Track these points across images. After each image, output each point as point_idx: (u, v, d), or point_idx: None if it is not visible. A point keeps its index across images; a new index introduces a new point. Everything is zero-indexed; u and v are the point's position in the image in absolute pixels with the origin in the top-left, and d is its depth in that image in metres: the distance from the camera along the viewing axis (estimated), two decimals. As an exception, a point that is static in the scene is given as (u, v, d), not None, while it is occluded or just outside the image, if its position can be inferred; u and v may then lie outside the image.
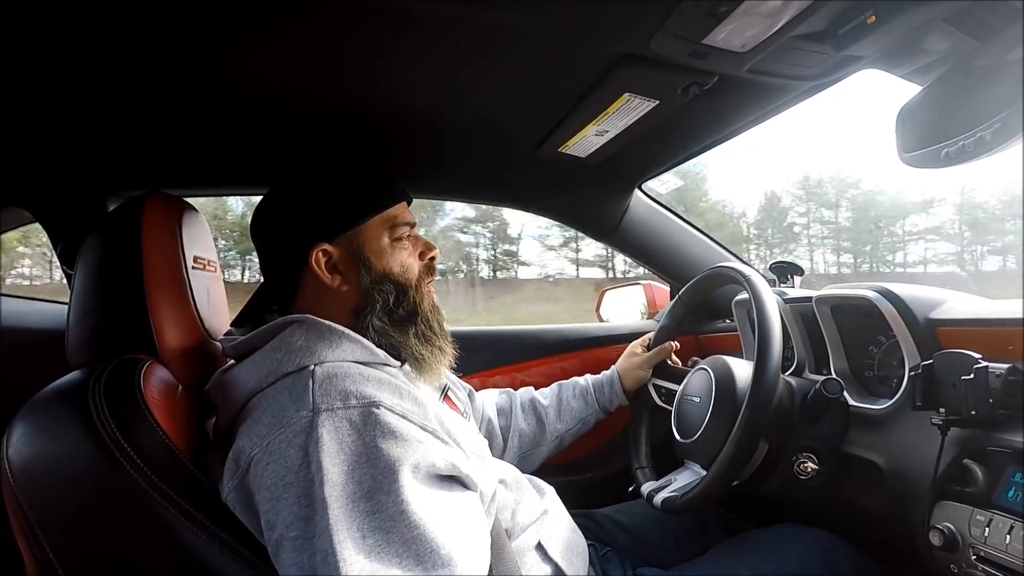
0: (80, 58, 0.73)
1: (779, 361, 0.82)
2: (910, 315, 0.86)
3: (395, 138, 1.05)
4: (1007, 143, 0.60)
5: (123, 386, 0.65)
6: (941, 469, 0.73)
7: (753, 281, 0.89)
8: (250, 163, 1.13)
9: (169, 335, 0.76)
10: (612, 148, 1.08)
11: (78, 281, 0.78)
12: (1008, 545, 0.64)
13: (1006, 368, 0.69)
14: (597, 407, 1.16)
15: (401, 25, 0.69)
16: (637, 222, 1.43)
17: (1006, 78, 0.62)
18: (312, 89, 0.86)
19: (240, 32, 0.70)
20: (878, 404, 0.88)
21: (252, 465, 0.61)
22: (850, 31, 0.67)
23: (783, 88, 0.85)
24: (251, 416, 0.66)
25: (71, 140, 0.98)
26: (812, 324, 1.04)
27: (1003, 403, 0.68)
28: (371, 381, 0.66)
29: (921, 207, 25.58)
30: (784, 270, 1.26)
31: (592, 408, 1.16)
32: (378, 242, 0.80)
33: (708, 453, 0.89)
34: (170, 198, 0.84)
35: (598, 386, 1.18)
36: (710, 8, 0.64)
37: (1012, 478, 0.67)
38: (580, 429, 1.15)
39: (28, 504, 0.60)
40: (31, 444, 0.61)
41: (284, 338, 0.71)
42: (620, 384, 1.17)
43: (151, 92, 0.83)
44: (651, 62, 0.77)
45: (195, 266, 0.84)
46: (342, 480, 0.58)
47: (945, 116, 0.66)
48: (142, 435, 0.63)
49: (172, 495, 0.62)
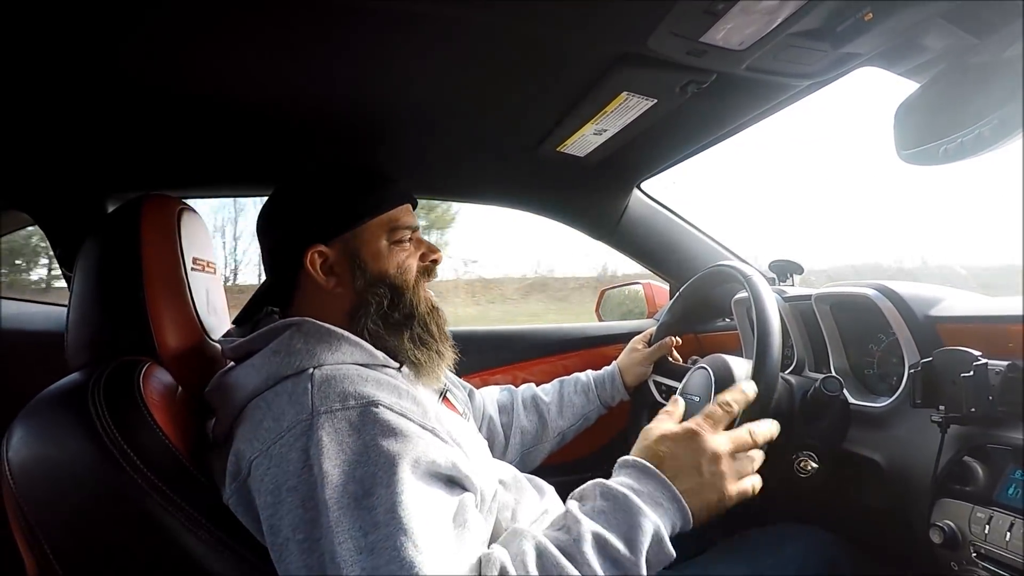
0: (78, 61, 0.73)
1: (778, 359, 0.81)
2: (910, 313, 0.86)
3: (393, 139, 1.05)
4: (1005, 139, 0.60)
5: (123, 388, 0.65)
6: (941, 467, 0.73)
7: (752, 279, 0.89)
8: (248, 165, 1.13)
9: (168, 336, 0.76)
10: (611, 147, 1.08)
11: (77, 283, 0.78)
12: (1008, 542, 0.64)
13: (1006, 365, 0.68)
14: (599, 402, 1.16)
15: (399, 26, 0.69)
16: (636, 221, 1.43)
17: (1004, 75, 0.62)
18: (310, 91, 0.86)
19: (237, 35, 0.70)
20: (878, 402, 0.88)
21: (253, 469, 0.62)
22: (847, 28, 0.67)
23: (781, 86, 0.85)
24: (251, 419, 0.66)
25: (69, 142, 0.98)
26: (812, 322, 1.04)
27: (1003, 400, 0.68)
28: (370, 382, 0.66)
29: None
30: (784, 268, 1.26)
31: (594, 403, 1.15)
32: (376, 244, 0.80)
33: None
34: (169, 200, 0.84)
35: (599, 381, 1.17)
36: (707, 6, 0.64)
37: (1012, 475, 0.67)
38: (582, 425, 1.15)
39: (28, 505, 0.60)
40: (31, 446, 0.62)
41: (283, 341, 0.71)
42: (621, 379, 1.17)
43: (149, 94, 0.83)
44: (649, 61, 0.77)
45: (194, 267, 0.84)
46: (343, 480, 0.58)
47: (943, 113, 0.66)
48: (142, 436, 0.63)
49: (172, 496, 0.62)
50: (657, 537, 0.60)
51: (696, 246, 1.47)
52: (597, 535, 0.59)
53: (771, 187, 17.19)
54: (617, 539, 0.59)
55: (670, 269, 1.52)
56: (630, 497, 0.61)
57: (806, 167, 18.67)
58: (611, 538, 0.58)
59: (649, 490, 0.63)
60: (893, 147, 0.72)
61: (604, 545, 0.58)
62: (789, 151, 17.68)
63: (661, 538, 0.60)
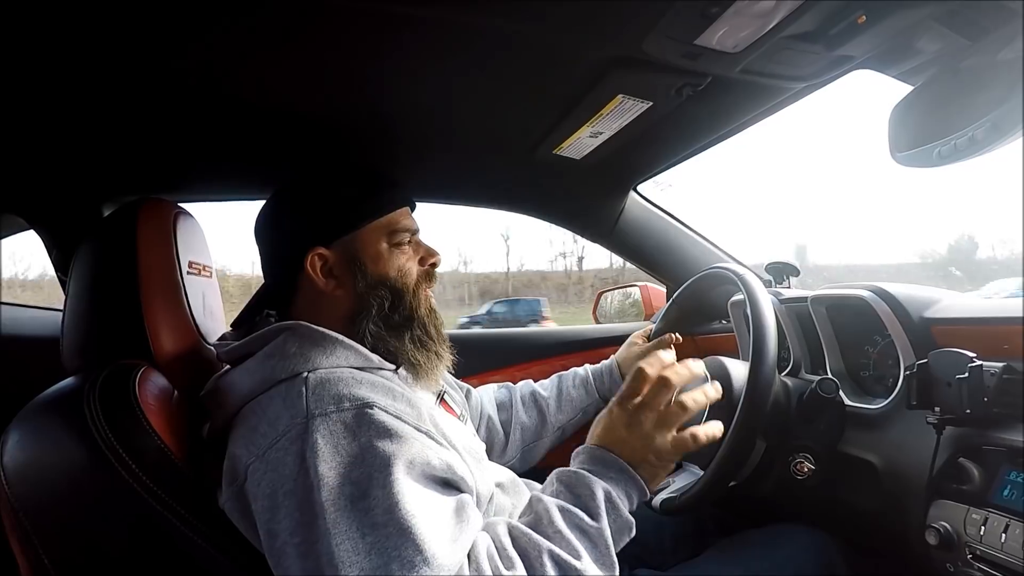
0: (73, 64, 0.73)
1: (775, 360, 0.82)
2: (905, 314, 0.86)
3: (389, 143, 1.05)
4: (998, 142, 0.60)
5: (118, 392, 0.65)
6: (937, 468, 0.73)
7: (748, 281, 0.89)
8: (244, 169, 1.13)
9: (164, 340, 0.76)
10: (607, 150, 1.08)
11: (73, 287, 0.78)
12: (1004, 544, 0.64)
13: (1001, 367, 0.69)
14: (597, 396, 1.15)
15: (393, 29, 0.69)
16: (633, 223, 1.43)
17: (997, 77, 0.62)
18: (307, 95, 0.86)
19: (237, 39, 0.70)
20: (874, 403, 0.88)
21: (249, 474, 0.62)
22: (841, 31, 0.68)
23: (776, 89, 0.86)
24: (246, 424, 0.66)
25: (66, 146, 0.98)
26: (808, 324, 1.04)
27: (998, 401, 0.68)
28: (364, 384, 0.66)
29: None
30: (780, 271, 1.26)
31: (592, 397, 1.15)
32: (376, 247, 0.80)
33: (706, 454, 0.89)
34: (165, 203, 0.84)
35: (597, 375, 1.17)
36: (702, 9, 0.64)
37: (1007, 476, 0.67)
38: (581, 419, 1.14)
39: (23, 510, 0.60)
40: (26, 450, 0.61)
41: (277, 345, 0.71)
42: (620, 373, 1.17)
43: (146, 98, 0.83)
44: (644, 64, 0.77)
45: (190, 271, 0.84)
46: (339, 483, 0.58)
47: (937, 115, 0.67)
48: (137, 440, 0.63)
49: (168, 500, 0.62)
50: (611, 502, 0.65)
51: (693, 248, 1.47)
52: (561, 508, 0.64)
53: (767, 189, 17.28)
54: (579, 510, 0.64)
55: (667, 271, 1.52)
56: (581, 473, 0.67)
57: (802, 168, 18.75)
58: (574, 510, 0.64)
59: (598, 468, 0.68)
60: (887, 149, 0.73)
61: (568, 515, 0.64)
62: (786, 152, 17.77)
63: (615, 503, 0.65)
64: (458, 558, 0.58)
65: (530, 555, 0.60)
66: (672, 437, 0.69)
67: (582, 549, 0.61)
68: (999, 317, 0.78)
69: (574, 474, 0.67)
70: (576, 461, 0.70)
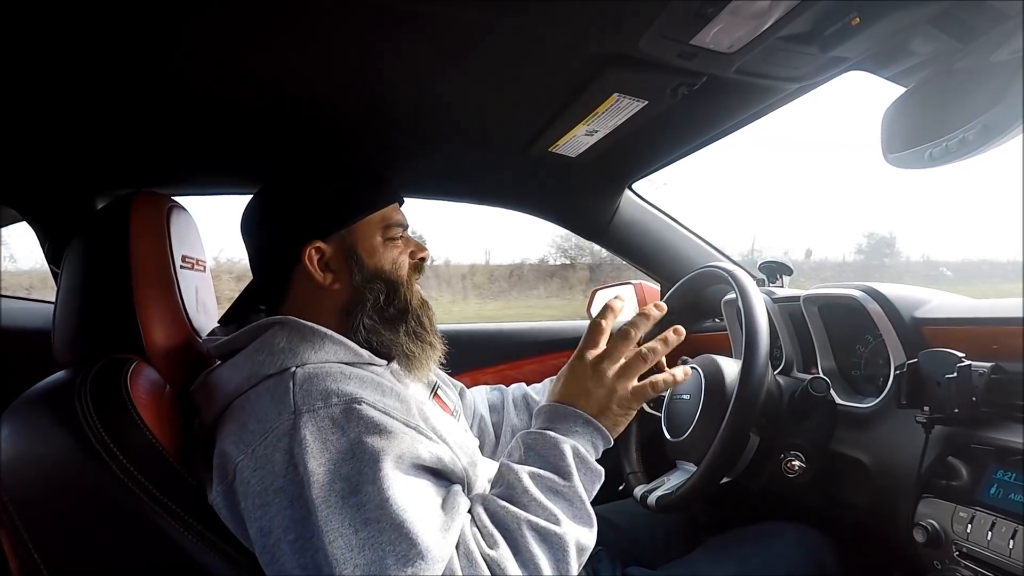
0: (67, 57, 0.73)
1: (767, 358, 0.82)
2: (896, 314, 0.87)
3: (382, 138, 1.05)
4: (989, 143, 0.61)
5: (110, 386, 0.64)
6: (925, 466, 0.74)
7: (741, 280, 0.89)
8: (239, 163, 1.13)
9: (157, 335, 0.76)
10: (602, 148, 1.08)
11: (65, 280, 0.77)
12: (990, 541, 0.65)
13: (989, 367, 0.69)
14: None
15: (387, 23, 0.69)
16: (628, 222, 1.43)
17: (988, 79, 0.63)
18: (300, 89, 0.85)
19: (229, 32, 0.70)
20: (864, 402, 0.89)
21: (238, 472, 0.62)
22: (835, 33, 0.68)
23: (771, 89, 0.86)
24: (234, 420, 0.66)
25: (59, 139, 0.97)
26: (800, 323, 1.05)
27: (986, 401, 0.69)
28: (353, 379, 0.66)
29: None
30: (773, 270, 1.27)
31: None
32: (371, 241, 0.80)
33: (699, 450, 0.90)
34: (158, 197, 0.84)
35: None
36: (698, 9, 0.64)
37: (994, 475, 0.68)
38: None
39: (13, 504, 0.60)
40: (16, 445, 0.61)
41: (266, 340, 0.71)
42: None
43: (140, 91, 0.83)
44: (640, 63, 0.77)
45: (183, 265, 0.84)
46: (329, 479, 0.58)
47: (929, 117, 0.67)
48: (128, 435, 0.62)
49: (158, 495, 0.61)
50: (580, 457, 0.67)
51: (687, 247, 1.47)
52: (532, 474, 0.65)
53: (762, 187, 17.32)
54: (550, 473, 0.65)
55: (661, 269, 1.52)
56: (547, 434, 0.68)
57: (798, 168, 18.83)
58: (545, 474, 0.65)
59: (562, 425, 0.69)
60: (880, 150, 0.73)
61: (540, 480, 0.65)
62: (782, 152, 17.84)
63: (583, 457, 0.67)
64: (450, 549, 0.58)
65: (511, 529, 0.61)
66: (633, 386, 0.70)
67: (559, 511, 0.63)
68: (988, 318, 0.79)
69: (539, 435, 0.68)
70: (539, 420, 0.71)
